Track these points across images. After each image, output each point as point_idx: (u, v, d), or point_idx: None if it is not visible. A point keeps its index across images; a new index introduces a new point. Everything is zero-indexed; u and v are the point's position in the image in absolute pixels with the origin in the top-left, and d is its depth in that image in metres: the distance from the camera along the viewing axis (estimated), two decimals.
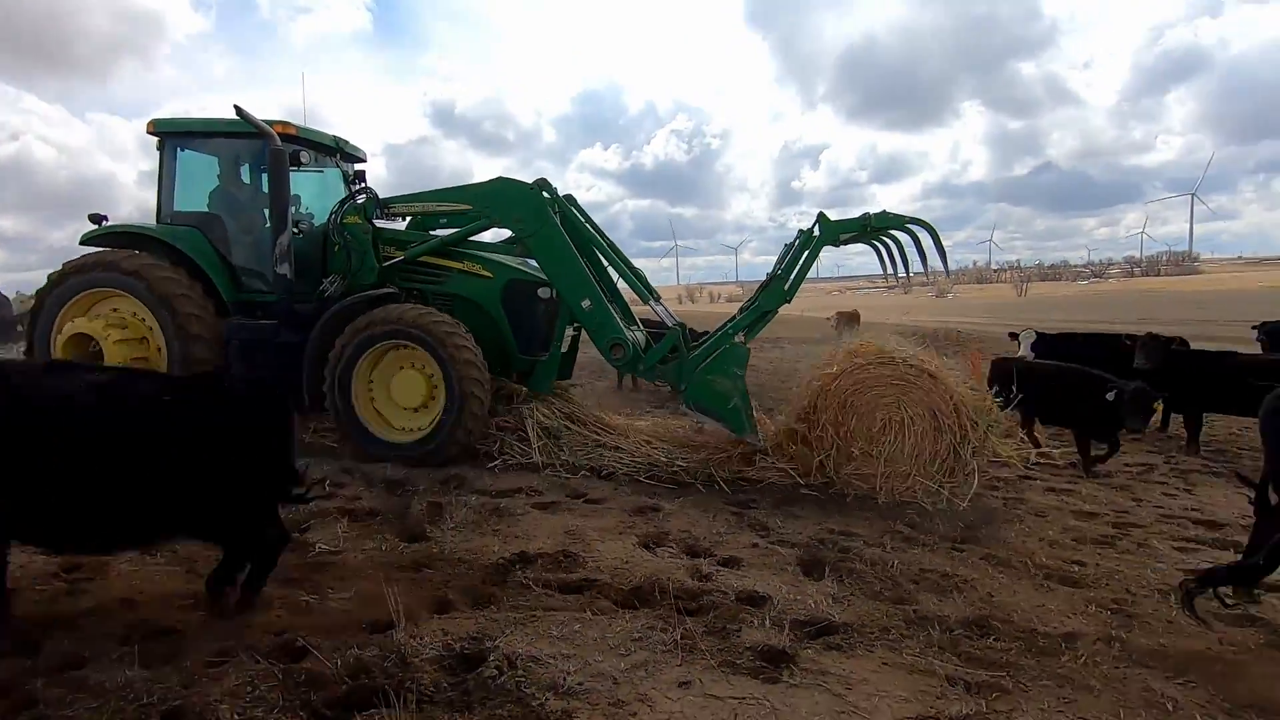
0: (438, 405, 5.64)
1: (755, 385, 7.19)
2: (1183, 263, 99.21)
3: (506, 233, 6.45)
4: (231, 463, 2.91)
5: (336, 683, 2.50)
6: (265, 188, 6.17)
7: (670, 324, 6.00)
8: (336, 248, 6.19)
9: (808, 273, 5.71)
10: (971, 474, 5.01)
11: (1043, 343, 9.56)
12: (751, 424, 5.45)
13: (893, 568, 3.83)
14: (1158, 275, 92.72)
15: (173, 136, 6.36)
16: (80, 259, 6.07)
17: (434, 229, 6.53)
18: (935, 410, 5.03)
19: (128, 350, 5.82)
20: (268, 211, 6.13)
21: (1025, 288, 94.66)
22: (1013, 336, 9.70)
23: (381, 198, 6.27)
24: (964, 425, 5.00)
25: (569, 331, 6.32)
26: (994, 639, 3.12)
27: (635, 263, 6.58)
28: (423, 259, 6.20)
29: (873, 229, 5.57)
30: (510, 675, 2.58)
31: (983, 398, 5.29)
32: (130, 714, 2.30)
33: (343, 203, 6.28)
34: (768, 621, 3.11)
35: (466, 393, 5.50)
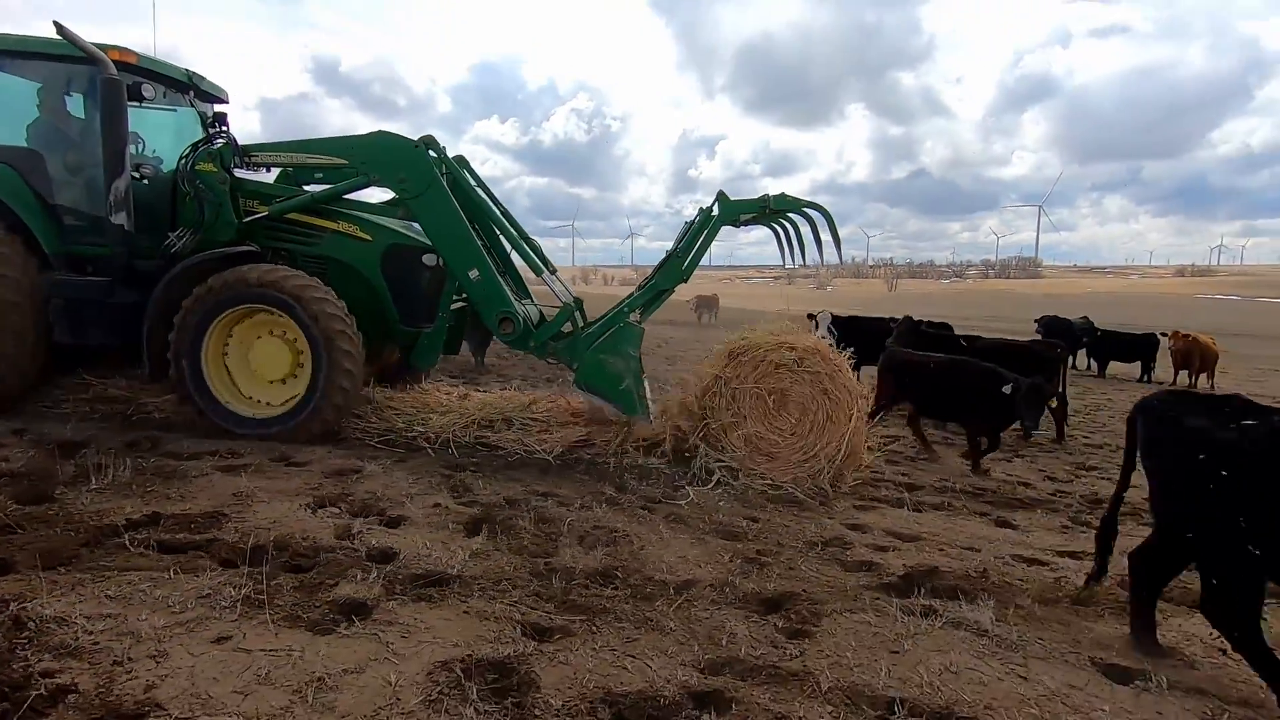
0: (304, 377, 5.12)
1: None
2: (1029, 267, 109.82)
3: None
4: None
5: None
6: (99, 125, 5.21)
7: (564, 300, 5.67)
8: (188, 198, 5.46)
9: (705, 252, 5.59)
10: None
11: (837, 324, 10.29)
12: (644, 406, 5.22)
13: (547, 524, 3.86)
14: (1008, 278, 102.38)
15: None
16: None
17: (308, 185, 5.87)
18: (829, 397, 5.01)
19: None
20: (101, 152, 5.21)
21: (895, 283, 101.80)
22: (810, 318, 10.25)
23: (243, 145, 5.57)
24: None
25: (456, 302, 5.83)
26: (611, 588, 3.19)
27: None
28: (291, 216, 5.57)
29: (771, 210, 5.48)
30: (8, 636, 2.34)
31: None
32: None
33: (195, 146, 5.53)
34: (375, 576, 3.02)
35: (335, 364, 5.00)
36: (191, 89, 6.10)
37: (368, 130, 7.16)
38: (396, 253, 5.60)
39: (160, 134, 6.11)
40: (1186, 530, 2.84)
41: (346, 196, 5.75)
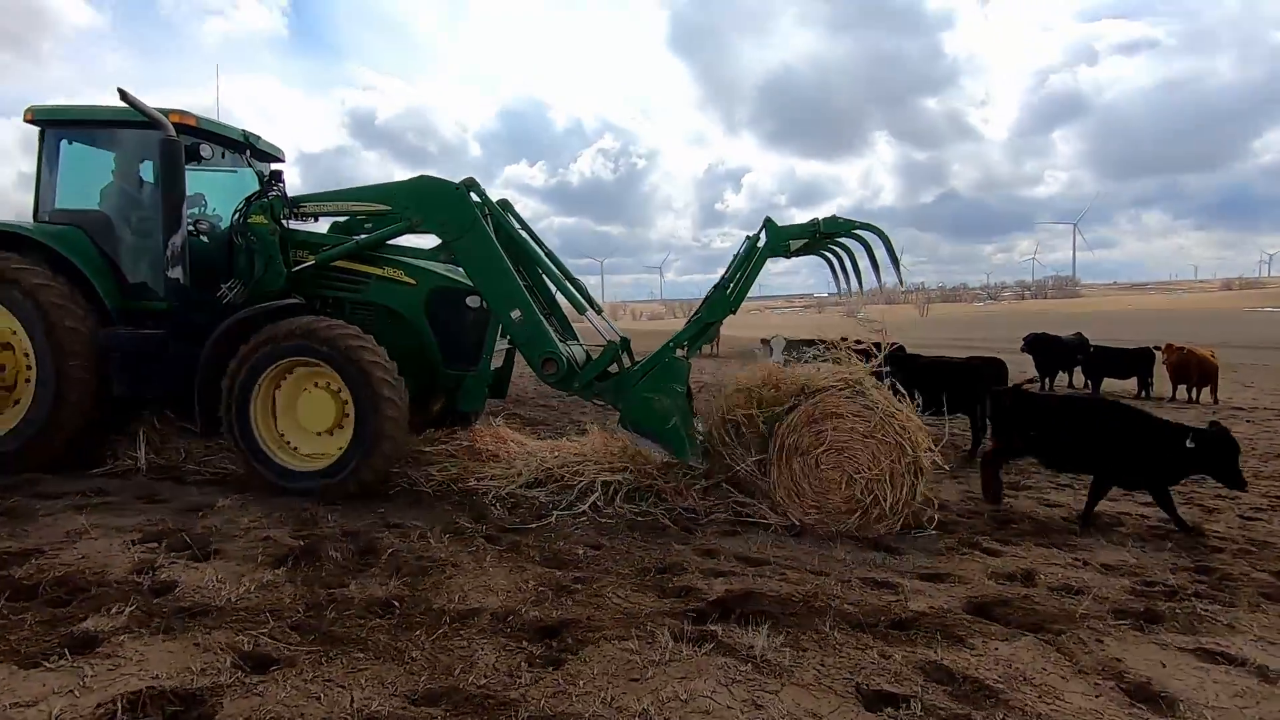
0: (349, 427, 5.07)
1: None
2: (1066, 286, 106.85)
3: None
4: None
5: None
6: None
7: (609, 339, 5.48)
8: (241, 251, 5.56)
9: (753, 283, 5.36)
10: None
11: (791, 348, 10.09)
12: (693, 445, 4.96)
13: (366, 555, 3.80)
14: (1045, 298, 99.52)
15: (54, 126, 5.71)
16: None
17: (359, 234, 5.95)
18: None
19: None
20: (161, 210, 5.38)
21: (927, 308, 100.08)
22: (764, 343, 10.09)
23: (291, 196, 5.71)
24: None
25: (502, 344, 5.76)
26: (383, 618, 3.10)
27: None
28: (338, 264, 5.60)
29: (822, 235, 5.15)
30: None
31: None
32: None
33: (248, 201, 5.63)
34: (133, 609, 2.99)
35: (380, 412, 4.92)
36: (248, 148, 6.31)
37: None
38: (440, 295, 5.59)
39: (224, 193, 6.27)
40: None
41: (392, 242, 5.72)
